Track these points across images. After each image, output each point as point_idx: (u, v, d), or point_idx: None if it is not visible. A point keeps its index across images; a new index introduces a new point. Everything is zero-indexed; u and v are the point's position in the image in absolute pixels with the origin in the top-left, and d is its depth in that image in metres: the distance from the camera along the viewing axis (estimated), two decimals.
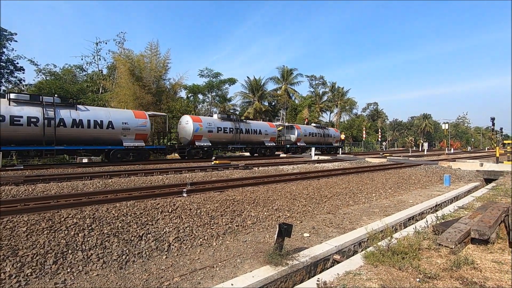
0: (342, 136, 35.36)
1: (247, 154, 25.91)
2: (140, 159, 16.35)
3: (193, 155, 19.14)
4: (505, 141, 37.58)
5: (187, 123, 19.56)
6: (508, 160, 19.23)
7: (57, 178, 9.31)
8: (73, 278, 3.66)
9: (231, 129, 21.45)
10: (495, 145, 24.24)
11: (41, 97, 13.91)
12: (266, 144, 24.05)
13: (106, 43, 36.61)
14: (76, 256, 4.03)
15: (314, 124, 33.00)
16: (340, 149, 33.28)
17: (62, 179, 9.31)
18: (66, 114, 14.03)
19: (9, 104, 12.71)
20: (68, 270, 3.77)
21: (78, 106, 14.90)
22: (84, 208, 5.47)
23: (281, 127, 28.22)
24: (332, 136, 32.06)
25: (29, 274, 3.58)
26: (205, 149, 19.83)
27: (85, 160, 16.74)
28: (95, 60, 34.39)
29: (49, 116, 13.43)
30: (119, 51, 31.87)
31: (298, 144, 27.17)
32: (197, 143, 19.34)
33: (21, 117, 12.79)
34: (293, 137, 27.39)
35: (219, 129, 20.71)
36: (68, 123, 13.97)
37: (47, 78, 31.61)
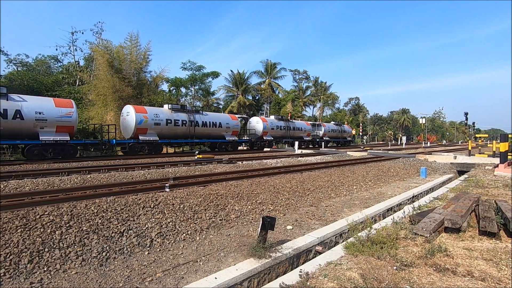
0: (353, 132, 44.02)
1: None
2: (234, 149, 23.80)
3: (262, 146, 27.09)
4: (476, 135, 39.59)
5: (257, 122, 27.27)
6: (479, 153, 20.29)
7: (31, 174, 8.91)
8: (50, 277, 3.54)
9: (284, 127, 29.42)
10: (468, 139, 25.47)
11: (186, 106, 21.65)
12: (304, 139, 32.00)
13: (82, 33, 35.20)
14: (53, 255, 3.89)
15: (334, 122, 41.12)
16: (352, 142, 42.52)
17: (37, 175, 8.92)
18: (198, 118, 21.10)
19: (171, 112, 19.58)
20: (45, 269, 3.64)
21: (203, 112, 22.32)
22: (61, 205, 5.27)
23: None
24: (346, 132, 40.49)
25: (2, 274, 3.42)
26: (266, 142, 27.39)
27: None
28: (71, 51, 32.90)
29: (190, 119, 20.37)
30: (97, 41, 30.65)
31: (324, 138, 35.31)
32: (264, 137, 27.26)
33: (178, 120, 19.70)
34: (320, 133, 35.05)
35: (277, 127, 28.56)
36: (200, 124, 21.03)
37: (18, 69, 29.94)
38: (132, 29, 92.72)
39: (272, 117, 29.75)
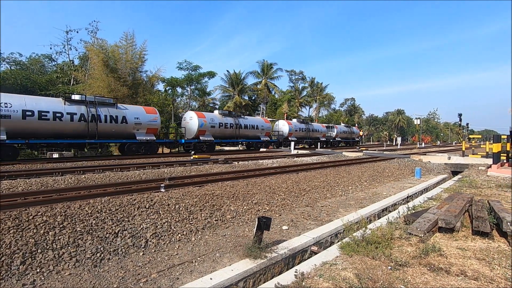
0: (361, 133, 48.23)
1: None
2: (266, 147, 27.58)
3: (288, 145, 29.39)
4: (470, 136, 40.09)
5: (284, 125, 30.75)
6: (473, 154, 20.53)
7: (24, 174, 8.80)
8: (43, 278, 3.50)
9: (304, 129, 33.16)
10: (462, 139, 25.74)
11: (233, 112, 26.36)
12: (320, 139, 36.06)
13: (77, 32, 34.70)
14: (46, 256, 3.85)
15: (344, 124, 45.15)
16: (359, 142, 46.78)
17: (30, 175, 8.81)
18: (241, 121, 24.85)
19: (222, 117, 23.53)
20: (38, 270, 3.60)
21: (244, 116, 26.14)
22: (55, 205, 5.21)
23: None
24: (355, 133, 44.76)
25: None
26: (290, 141, 29.66)
27: (55, 155, 15.97)
28: (65, 50, 32.57)
29: (236, 122, 24.15)
30: (91, 40, 30.37)
31: (336, 139, 39.71)
32: (289, 138, 30.83)
33: (227, 123, 23.49)
34: (333, 134, 39.36)
35: (300, 129, 32.43)
36: (243, 126, 24.82)
37: (12, 68, 29.58)
38: (128, 28, 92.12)
39: (295, 120, 33.88)
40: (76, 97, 15.58)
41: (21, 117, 13.25)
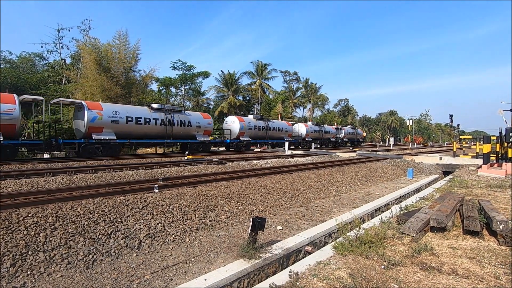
0: (364, 134, 53.01)
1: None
2: (289, 147, 27.74)
3: (303, 145, 34.81)
4: (461, 137, 40.78)
5: (301, 127, 34.99)
6: (464, 155, 20.87)
7: (14, 174, 8.64)
8: (33, 280, 3.44)
9: (318, 131, 37.30)
10: (453, 140, 26.15)
11: (263, 116, 30.34)
12: (331, 140, 40.31)
13: (69, 31, 34.21)
14: (37, 258, 3.78)
15: (350, 126, 49.49)
16: (363, 142, 51.16)
17: (21, 175, 8.65)
18: (271, 124, 29.27)
19: (256, 120, 27.61)
20: (28, 273, 3.53)
21: (272, 120, 30.61)
22: (46, 206, 5.13)
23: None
24: (359, 134, 49.22)
25: None
26: (307, 143, 35.18)
27: (46, 156, 15.74)
28: (57, 48, 32.05)
29: (267, 125, 28.47)
30: (84, 39, 29.99)
31: (344, 139, 43.72)
32: (306, 139, 34.78)
33: (260, 126, 27.69)
34: (341, 135, 43.29)
35: (314, 131, 36.45)
36: (272, 128, 29.10)
37: (1, 66, 28.98)
38: (122, 27, 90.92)
39: (310, 123, 38.01)
40: (156, 105, 19.40)
41: (125, 122, 17.20)
